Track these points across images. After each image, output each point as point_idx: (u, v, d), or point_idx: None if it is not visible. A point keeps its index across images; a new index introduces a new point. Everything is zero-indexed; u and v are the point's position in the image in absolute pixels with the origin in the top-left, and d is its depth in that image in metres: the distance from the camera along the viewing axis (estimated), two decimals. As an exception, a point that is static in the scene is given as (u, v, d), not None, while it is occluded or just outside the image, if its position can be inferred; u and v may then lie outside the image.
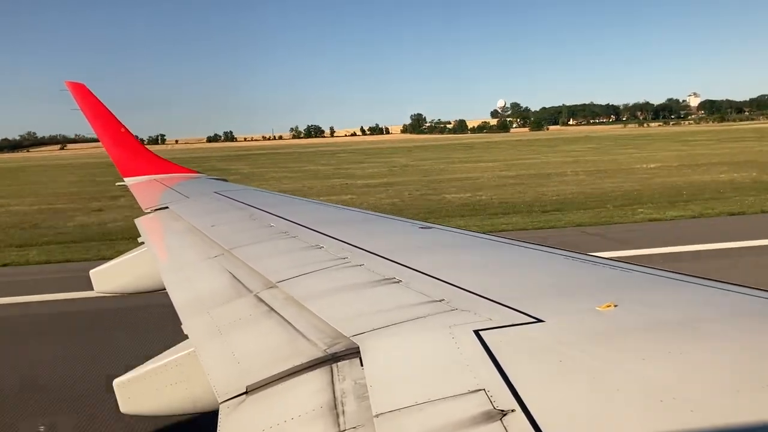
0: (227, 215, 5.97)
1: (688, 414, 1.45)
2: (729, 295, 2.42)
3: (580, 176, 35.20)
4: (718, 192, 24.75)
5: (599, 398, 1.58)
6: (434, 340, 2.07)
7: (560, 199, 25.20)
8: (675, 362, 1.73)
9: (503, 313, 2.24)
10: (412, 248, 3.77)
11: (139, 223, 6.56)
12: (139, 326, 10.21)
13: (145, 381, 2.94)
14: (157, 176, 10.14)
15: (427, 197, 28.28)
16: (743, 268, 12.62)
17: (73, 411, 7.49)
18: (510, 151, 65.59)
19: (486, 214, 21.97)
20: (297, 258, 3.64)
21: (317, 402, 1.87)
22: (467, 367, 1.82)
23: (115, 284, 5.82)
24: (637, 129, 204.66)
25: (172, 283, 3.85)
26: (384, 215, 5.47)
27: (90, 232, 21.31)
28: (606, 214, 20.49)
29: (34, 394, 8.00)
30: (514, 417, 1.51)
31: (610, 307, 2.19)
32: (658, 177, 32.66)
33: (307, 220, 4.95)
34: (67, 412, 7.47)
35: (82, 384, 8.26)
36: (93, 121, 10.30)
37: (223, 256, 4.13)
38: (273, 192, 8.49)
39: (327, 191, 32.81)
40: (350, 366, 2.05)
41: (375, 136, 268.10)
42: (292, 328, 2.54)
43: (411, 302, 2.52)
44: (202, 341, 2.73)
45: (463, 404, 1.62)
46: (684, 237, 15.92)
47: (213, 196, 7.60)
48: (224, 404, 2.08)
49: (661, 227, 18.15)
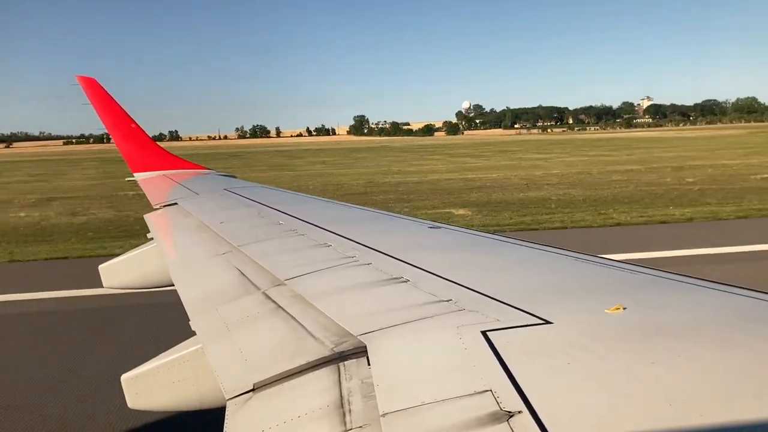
0: (236, 212, 5.99)
1: (697, 418, 1.44)
2: (738, 298, 2.40)
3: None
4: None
5: (606, 401, 1.57)
6: (441, 341, 2.07)
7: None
8: (684, 366, 1.72)
9: (511, 314, 2.23)
10: (420, 247, 3.76)
11: (149, 218, 6.59)
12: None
13: (152, 377, 2.95)
14: (167, 172, 10.17)
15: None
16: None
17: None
18: (378, 160, 64.78)
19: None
20: (305, 256, 3.64)
21: (324, 400, 1.88)
22: (474, 367, 1.82)
23: (123, 280, 5.83)
24: (536, 135, 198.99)
25: (180, 279, 3.87)
26: (393, 214, 5.47)
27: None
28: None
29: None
30: (520, 418, 1.51)
31: (618, 310, 2.18)
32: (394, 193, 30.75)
33: (315, 218, 4.96)
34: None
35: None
36: (103, 115, 10.34)
37: (231, 253, 4.15)
38: (282, 190, 8.50)
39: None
40: (357, 365, 2.05)
41: (322, 137, 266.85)
42: (299, 326, 2.55)
43: (418, 302, 2.52)
44: (209, 338, 2.74)
45: (469, 405, 1.62)
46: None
47: (222, 192, 7.62)
48: (231, 401, 2.08)
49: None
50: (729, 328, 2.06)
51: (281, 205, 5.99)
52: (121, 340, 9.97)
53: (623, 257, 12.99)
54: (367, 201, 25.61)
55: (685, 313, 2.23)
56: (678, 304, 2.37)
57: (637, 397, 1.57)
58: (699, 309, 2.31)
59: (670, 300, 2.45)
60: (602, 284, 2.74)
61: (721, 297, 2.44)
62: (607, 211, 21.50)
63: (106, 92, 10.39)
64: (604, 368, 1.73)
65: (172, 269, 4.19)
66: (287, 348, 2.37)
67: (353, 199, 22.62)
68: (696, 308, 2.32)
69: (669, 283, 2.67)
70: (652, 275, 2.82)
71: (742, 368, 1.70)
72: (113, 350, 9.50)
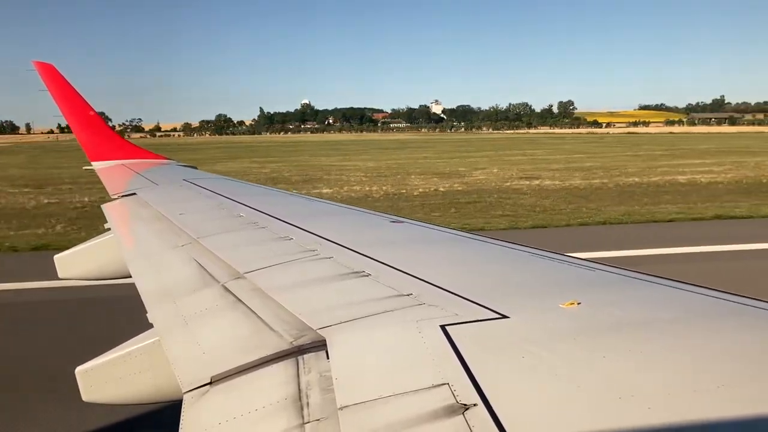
0: (196, 203, 5.90)
1: (646, 411, 1.48)
2: (690, 295, 2.47)
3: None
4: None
5: (560, 394, 1.61)
6: (401, 334, 2.08)
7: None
8: (635, 360, 1.77)
9: (469, 309, 2.26)
10: (381, 242, 3.77)
11: (106, 209, 6.45)
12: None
13: (108, 369, 2.89)
14: (126, 161, 9.96)
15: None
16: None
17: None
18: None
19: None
20: (265, 249, 3.62)
21: (282, 394, 1.87)
22: (432, 361, 1.84)
23: (79, 270, 5.70)
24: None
25: (137, 270, 3.80)
26: (355, 208, 5.47)
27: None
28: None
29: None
30: (476, 411, 1.53)
31: (573, 305, 2.23)
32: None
33: (277, 210, 4.92)
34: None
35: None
36: (61, 103, 10.06)
37: (190, 245, 4.09)
38: (243, 182, 8.41)
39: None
40: (316, 358, 2.05)
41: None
42: (258, 319, 2.53)
43: (379, 296, 2.53)
44: (167, 330, 2.71)
45: (426, 398, 1.64)
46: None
47: (182, 183, 7.50)
48: (188, 394, 2.06)
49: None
50: (679, 324, 2.13)
51: (242, 197, 5.92)
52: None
53: (584, 255, 13.22)
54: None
55: (638, 309, 2.29)
56: (631, 301, 2.43)
57: (588, 390, 1.61)
58: (651, 305, 2.37)
59: (624, 296, 2.51)
60: (559, 280, 2.80)
61: (674, 294, 2.51)
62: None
63: (65, 79, 10.10)
64: (558, 362, 1.77)
65: (129, 260, 4.11)
66: (246, 341, 2.36)
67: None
68: (648, 304, 2.39)
69: (624, 280, 2.74)
70: (608, 272, 2.89)
71: (690, 363, 1.76)
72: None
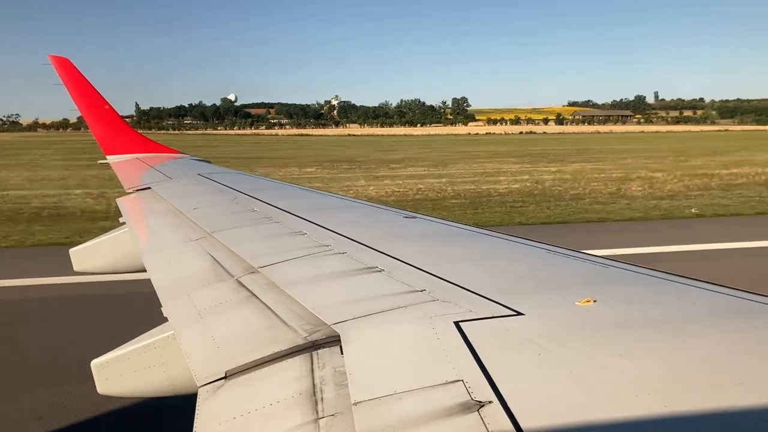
0: (210, 198, 5.93)
1: (662, 408, 1.47)
2: (706, 293, 2.45)
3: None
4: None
5: (575, 392, 1.60)
6: (414, 331, 2.08)
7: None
8: (651, 357, 1.76)
9: (484, 305, 2.25)
10: (395, 237, 3.77)
11: (121, 203, 6.50)
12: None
13: (123, 362, 2.91)
14: (141, 155, 10.03)
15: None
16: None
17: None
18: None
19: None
20: (279, 244, 3.63)
21: (296, 389, 1.88)
22: (446, 358, 1.83)
23: (94, 264, 5.76)
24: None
25: (152, 264, 3.82)
26: (369, 203, 5.47)
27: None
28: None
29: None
30: (491, 408, 1.53)
31: (589, 303, 2.21)
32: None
33: (290, 205, 4.94)
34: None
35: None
36: (76, 96, 10.14)
37: (205, 239, 4.11)
38: (258, 176, 8.44)
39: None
40: (330, 354, 2.06)
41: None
42: (272, 314, 2.54)
43: (392, 292, 2.53)
44: (181, 324, 2.72)
45: (441, 395, 1.63)
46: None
47: (197, 178, 7.54)
48: (203, 388, 2.07)
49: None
50: (696, 321, 2.11)
51: (256, 192, 5.94)
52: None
53: (600, 252, 13.05)
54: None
55: (654, 307, 2.28)
56: (647, 298, 2.41)
57: (604, 387, 1.60)
58: (666, 303, 2.36)
59: (639, 294, 2.49)
60: (574, 277, 2.78)
61: (689, 291, 2.49)
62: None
63: (80, 73, 10.18)
64: (573, 359, 1.76)
65: (144, 254, 4.13)
66: (260, 336, 2.37)
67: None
68: (664, 302, 2.37)
69: (639, 277, 2.72)
70: (623, 269, 2.87)
71: (708, 361, 1.75)
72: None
